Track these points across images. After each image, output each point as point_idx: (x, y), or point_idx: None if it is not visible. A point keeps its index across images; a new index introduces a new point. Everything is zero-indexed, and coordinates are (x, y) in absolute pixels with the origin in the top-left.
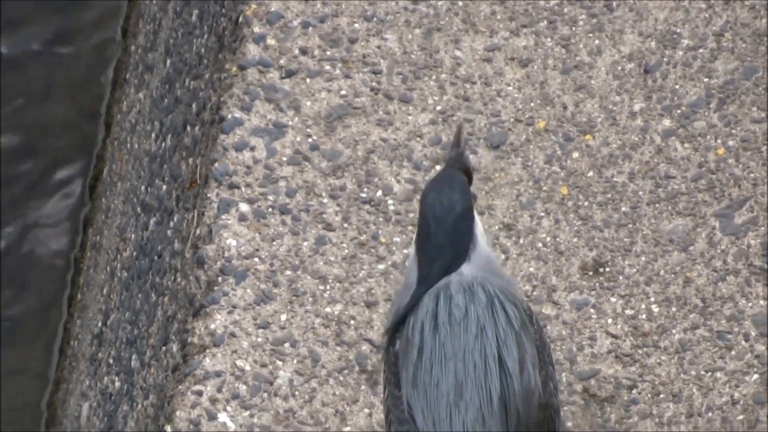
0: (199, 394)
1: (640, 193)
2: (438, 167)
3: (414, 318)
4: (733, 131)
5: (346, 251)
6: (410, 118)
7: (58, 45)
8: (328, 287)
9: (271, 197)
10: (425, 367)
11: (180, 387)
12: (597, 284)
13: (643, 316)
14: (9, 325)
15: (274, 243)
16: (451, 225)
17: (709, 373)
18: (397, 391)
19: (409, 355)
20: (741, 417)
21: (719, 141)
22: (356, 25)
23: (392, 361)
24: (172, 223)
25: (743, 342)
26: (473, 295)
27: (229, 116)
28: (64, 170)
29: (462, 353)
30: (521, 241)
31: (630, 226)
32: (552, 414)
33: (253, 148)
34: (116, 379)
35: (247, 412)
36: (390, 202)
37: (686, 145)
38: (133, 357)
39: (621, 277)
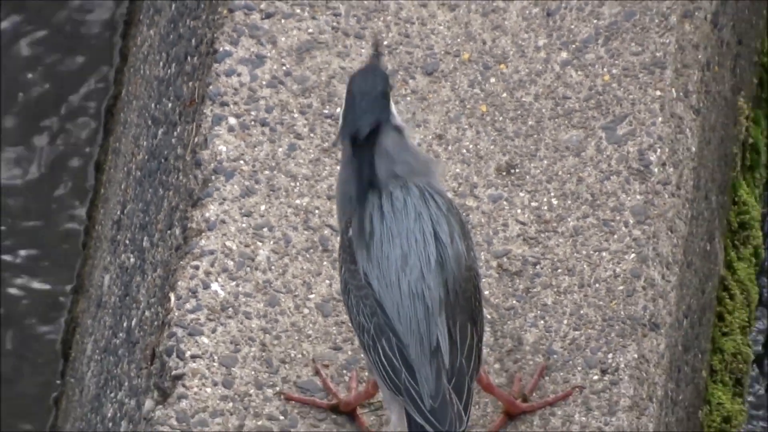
0: (197, 268)
1: (543, 110)
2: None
3: (362, 211)
4: (616, 62)
5: (312, 155)
6: (363, 50)
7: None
8: (297, 184)
9: (253, 113)
10: (377, 245)
11: (181, 262)
12: (509, 182)
13: (545, 207)
14: (43, 213)
15: (256, 149)
16: (373, 98)
17: (597, 253)
18: (353, 266)
19: (363, 237)
20: (621, 287)
21: (605, 69)
22: None
23: (347, 244)
24: (175, 133)
25: (623, 228)
26: (408, 190)
27: (221, 49)
28: (88, 91)
29: (405, 233)
30: (449, 148)
31: (535, 136)
32: (475, 275)
33: (239, 74)
34: (131, 256)
35: (234, 282)
36: None
37: (579, 72)
38: (145, 238)
39: (528, 177)
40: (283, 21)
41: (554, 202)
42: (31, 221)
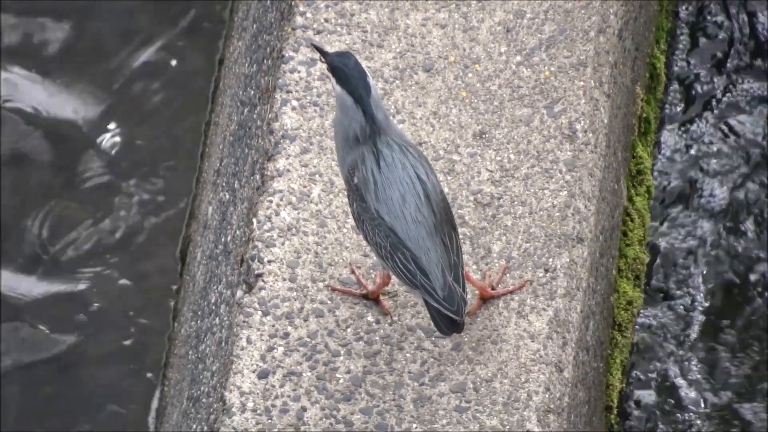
0: (270, 201)
1: (504, 95)
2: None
3: (364, 166)
4: (554, 62)
5: None
6: (383, 54)
7: (191, 22)
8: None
9: (308, 97)
10: (381, 189)
11: (260, 198)
12: (481, 143)
13: (506, 161)
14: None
15: (310, 121)
16: (355, 67)
17: (541, 190)
18: (363, 203)
19: (368, 186)
20: (558, 214)
21: (546, 68)
22: (354, 6)
23: (355, 188)
24: (256, 112)
25: (559, 174)
26: (391, 147)
27: (286, 54)
28: (197, 83)
29: (398, 179)
30: (441, 121)
31: (498, 113)
32: (445, 196)
33: (299, 71)
34: (226, 193)
35: (296, 212)
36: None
37: (528, 70)
38: (236, 182)
39: (494, 140)
40: (328, 35)
41: (512, 156)
42: (161, 170)
